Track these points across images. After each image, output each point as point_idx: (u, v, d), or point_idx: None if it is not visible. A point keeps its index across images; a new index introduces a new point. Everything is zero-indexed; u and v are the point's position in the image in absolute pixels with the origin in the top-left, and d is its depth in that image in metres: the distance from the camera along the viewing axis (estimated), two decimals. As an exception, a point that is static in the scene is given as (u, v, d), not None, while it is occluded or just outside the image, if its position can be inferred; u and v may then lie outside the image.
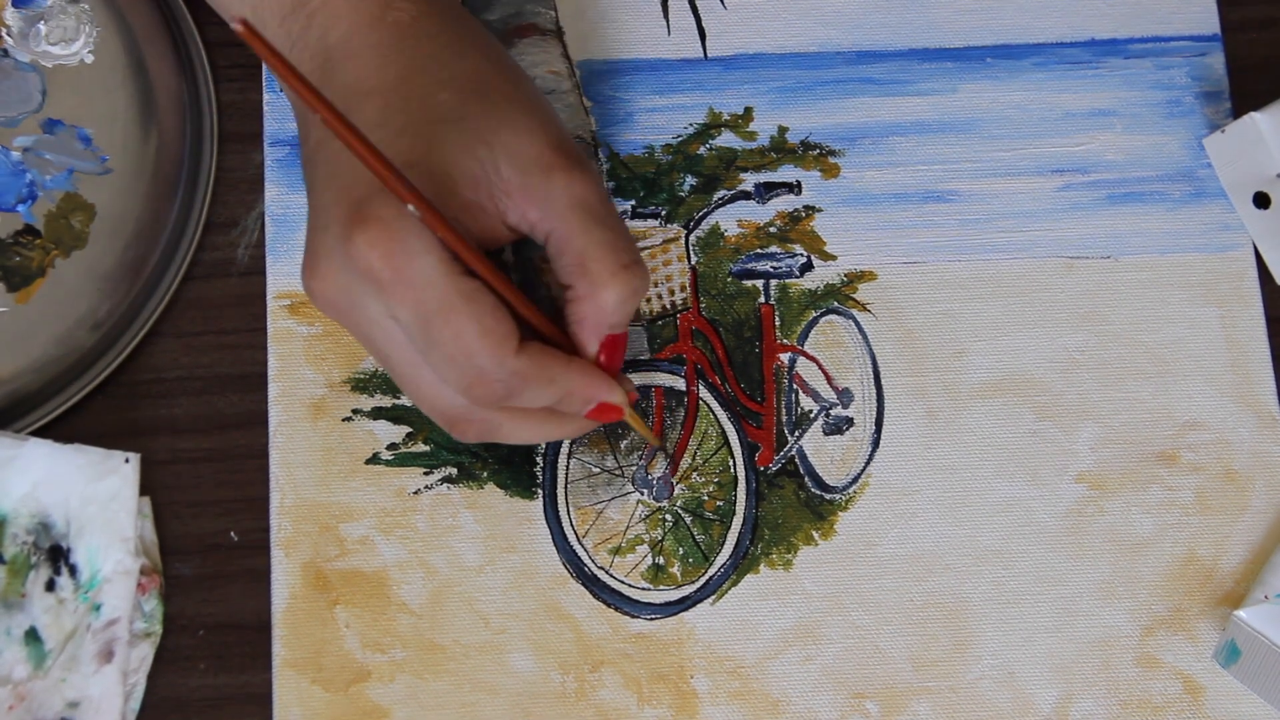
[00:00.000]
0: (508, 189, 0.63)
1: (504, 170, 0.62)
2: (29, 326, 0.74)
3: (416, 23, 0.65)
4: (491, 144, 0.62)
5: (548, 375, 0.63)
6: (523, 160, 0.63)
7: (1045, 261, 0.79)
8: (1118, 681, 0.74)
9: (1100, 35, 0.81)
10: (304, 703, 0.72)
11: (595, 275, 0.63)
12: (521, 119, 0.63)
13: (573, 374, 0.63)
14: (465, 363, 0.60)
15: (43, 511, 0.72)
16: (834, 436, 0.76)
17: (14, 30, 0.77)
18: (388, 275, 0.59)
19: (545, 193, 0.62)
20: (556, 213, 0.62)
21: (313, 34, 0.65)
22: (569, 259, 0.63)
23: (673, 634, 0.74)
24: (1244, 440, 0.77)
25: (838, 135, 0.80)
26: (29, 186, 0.75)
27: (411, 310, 0.60)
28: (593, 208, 0.63)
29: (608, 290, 0.63)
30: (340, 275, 0.61)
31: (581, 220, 0.62)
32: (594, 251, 0.62)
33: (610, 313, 0.63)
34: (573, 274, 0.63)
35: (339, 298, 0.62)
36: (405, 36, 0.65)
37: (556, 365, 0.63)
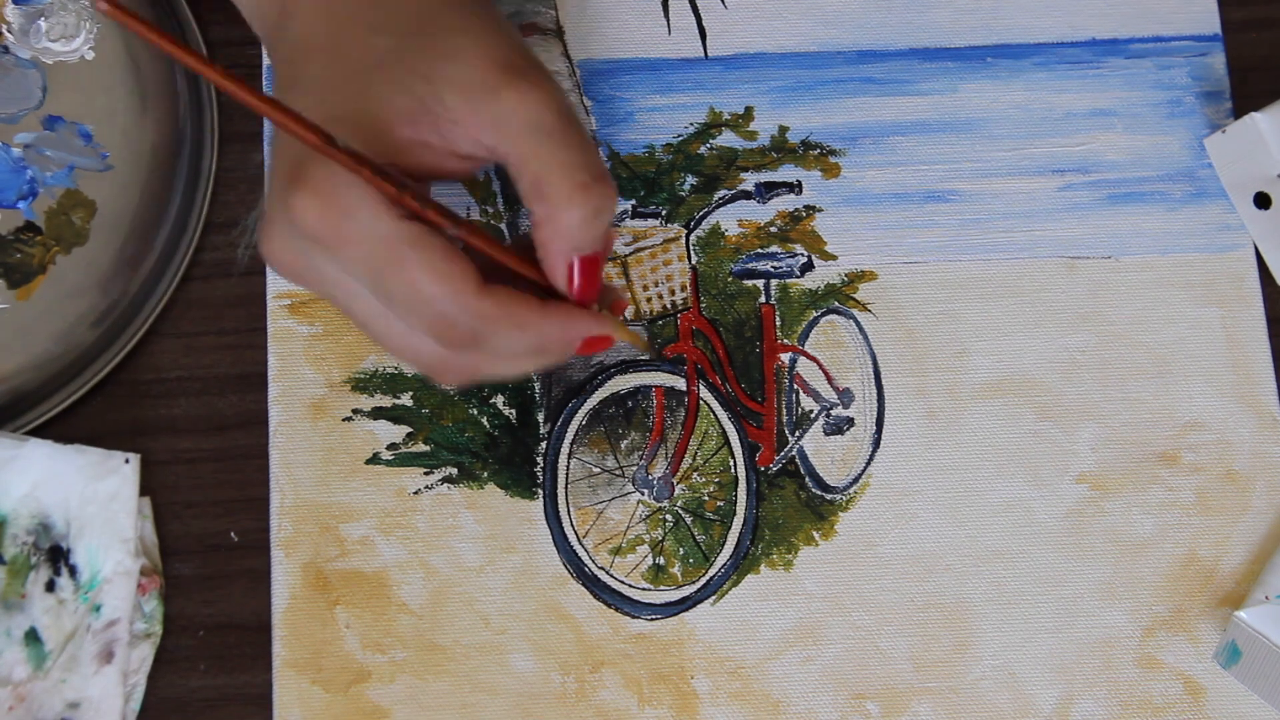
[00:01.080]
0: (454, 117, 0.60)
1: (448, 100, 0.60)
2: (29, 323, 0.74)
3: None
4: (431, 77, 0.60)
5: (516, 320, 0.60)
6: (467, 86, 0.60)
7: (1046, 261, 0.78)
8: (1118, 682, 0.74)
9: (1101, 35, 0.81)
10: (304, 703, 0.72)
11: (553, 197, 0.60)
12: (465, 44, 0.61)
13: (549, 320, 0.61)
14: (425, 309, 0.58)
15: (43, 512, 0.72)
16: (834, 437, 0.76)
17: (15, 27, 0.77)
18: (328, 234, 0.58)
19: (494, 114, 0.60)
20: (509, 135, 0.60)
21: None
22: (526, 182, 0.60)
23: (673, 634, 0.74)
24: (1245, 441, 0.77)
25: (838, 135, 0.80)
26: (30, 183, 0.75)
27: (360, 265, 0.58)
28: (546, 125, 0.60)
29: (567, 211, 0.60)
30: (289, 240, 0.60)
31: (534, 140, 0.60)
32: (550, 173, 0.59)
33: (574, 234, 0.60)
34: (532, 198, 0.60)
35: (294, 261, 0.61)
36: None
37: (527, 311, 0.60)
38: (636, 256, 0.78)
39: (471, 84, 0.60)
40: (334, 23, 0.62)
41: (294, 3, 0.64)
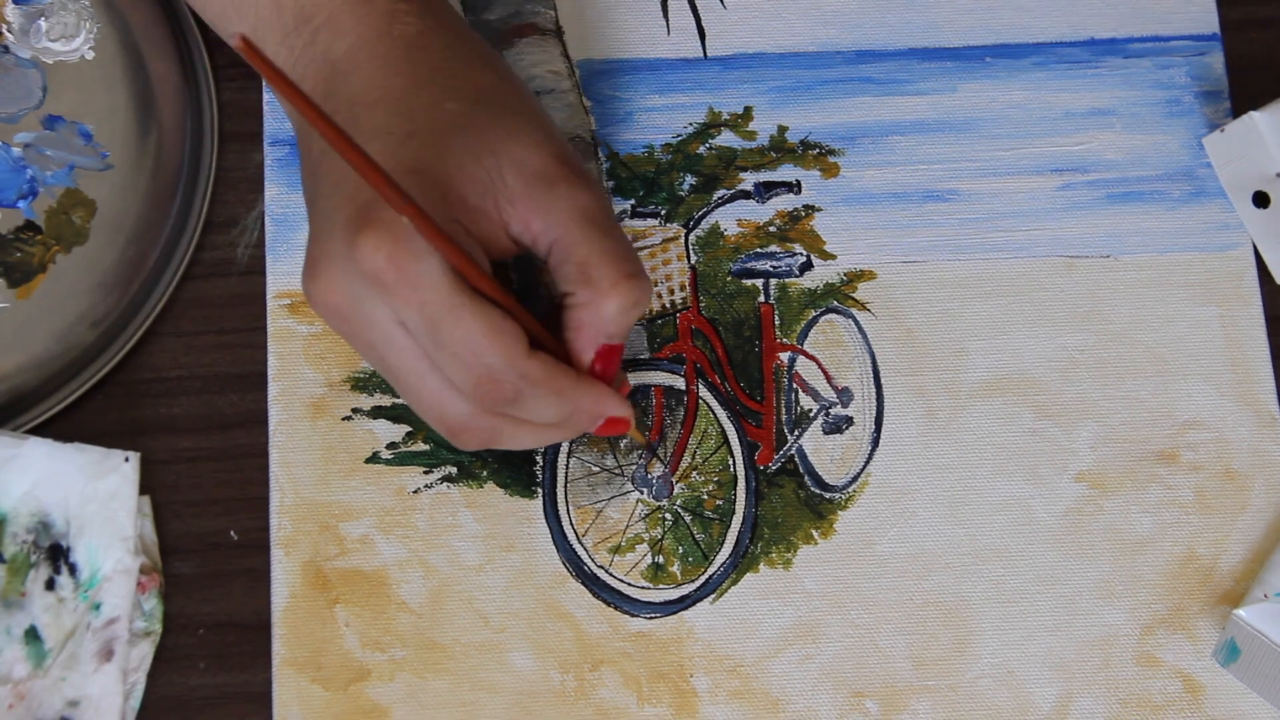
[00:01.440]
0: (512, 197, 0.63)
1: (509, 179, 0.63)
2: (29, 322, 0.74)
3: (422, 36, 0.65)
4: (498, 152, 0.63)
5: (556, 386, 0.63)
6: (527, 171, 0.63)
7: (1045, 261, 0.79)
8: (1117, 680, 0.74)
9: (1100, 35, 0.81)
10: (303, 702, 0.72)
11: (598, 282, 0.63)
12: (527, 130, 0.64)
13: (582, 391, 0.64)
14: (474, 361, 0.60)
15: (42, 510, 0.72)
16: (833, 435, 0.76)
17: (15, 26, 0.77)
18: (393, 276, 0.59)
19: (549, 203, 0.63)
20: (559, 221, 0.63)
21: (317, 49, 0.66)
22: (572, 267, 0.63)
23: (672, 633, 0.74)
24: (1243, 439, 0.77)
25: (837, 135, 0.80)
26: (30, 182, 0.75)
27: (418, 310, 0.60)
28: (596, 217, 0.63)
29: (610, 298, 0.63)
30: (344, 279, 0.61)
31: (584, 229, 0.63)
32: (597, 260, 0.62)
33: (610, 321, 0.63)
34: (575, 281, 0.63)
35: (342, 303, 0.62)
36: (412, 49, 0.65)
37: (566, 379, 0.63)
38: (636, 256, 0.78)
39: (532, 171, 0.63)
40: (400, 79, 0.64)
41: (345, 63, 0.65)
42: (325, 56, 0.65)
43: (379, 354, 0.63)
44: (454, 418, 0.63)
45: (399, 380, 0.64)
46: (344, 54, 0.65)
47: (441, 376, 0.62)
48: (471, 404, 0.62)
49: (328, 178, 0.63)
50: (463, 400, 0.62)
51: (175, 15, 0.78)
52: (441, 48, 0.66)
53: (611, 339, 0.64)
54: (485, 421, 0.63)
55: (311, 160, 0.65)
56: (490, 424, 0.64)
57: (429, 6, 0.67)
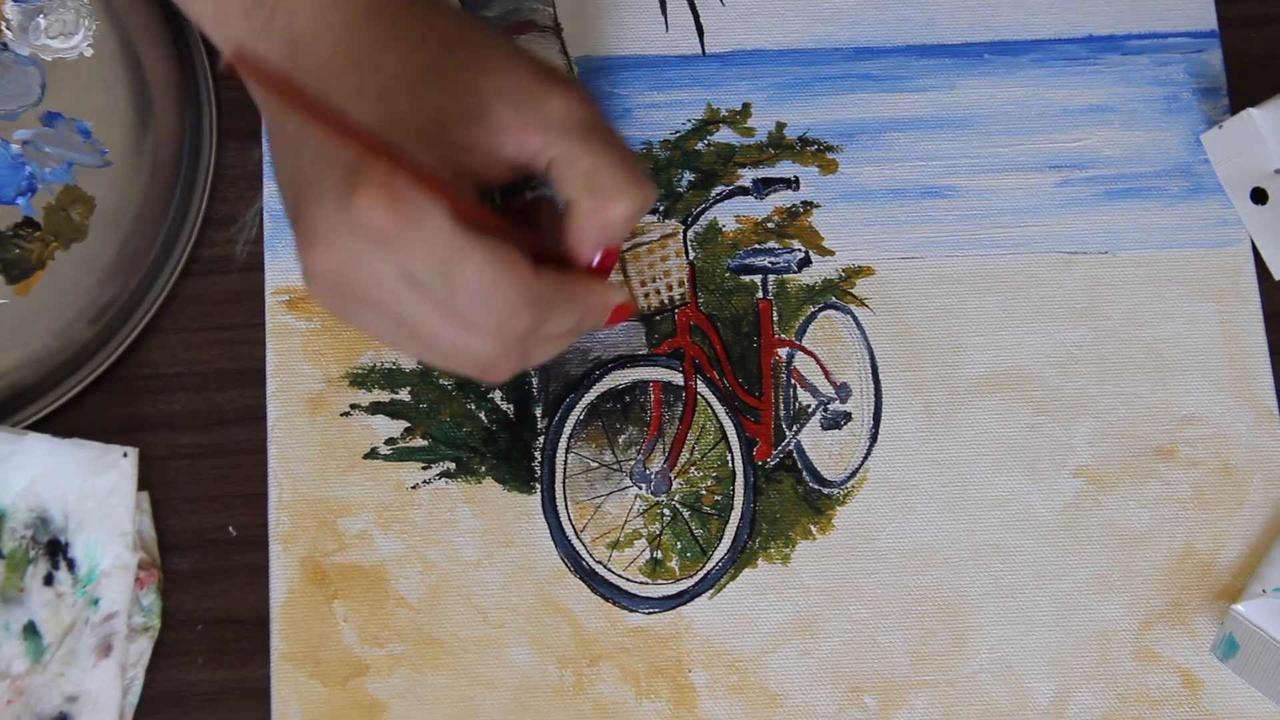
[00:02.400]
0: (502, 124, 0.62)
1: (495, 108, 0.62)
2: (28, 319, 0.74)
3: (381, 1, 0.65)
4: (476, 89, 0.62)
5: (568, 294, 0.63)
6: (512, 94, 0.63)
7: (1043, 257, 0.79)
8: (1116, 675, 0.74)
9: (1098, 31, 0.81)
10: (302, 697, 0.72)
11: (604, 190, 0.63)
12: (502, 61, 0.64)
13: (591, 289, 0.64)
14: (493, 296, 0.60)
15: (41, 506, 0.72)
16: (832, 431, 0.76)
17: (14, 24, 0.77)
18: (396, 228, 0.59)
19: (543, 118, 0.63)
20: (559, 135, 0.63)
21: (276, 24, 0.65)
22: (576, 177, 0.63)
23: (671, 628, 0.74)
24: (1241, 435, 0.77)
25: (836, 131, 0.80)
26: (28, 179, 0.76)
27: (426, 258, 0.59)
28: (595, 125, 0.63)
29: (617, 204, 0.63)
30: (343, 243, 0.60)
31: (585, 138, 0.63)
32: (603, 169, 0.63)
33: (617, 225, 0.64)
34: (579, 189, 0.63)
35: (345, 267, 0.61)
36: (371, 12, 0.64)
37: (576, 284, 0.64)
38: (634, 252, 0.78)
39: (518, 91, 0.63)
40: (363, 42, 0.64)
41: (308, 34, 0.65)
42: (286, 32, 0.65)
43: (390, 311, 0.62)
44: (480, 356, 0.63)
45: (416, 332, 0.63)
46: (304, 26, 0.64)
47: (458, 320, 0.62)
48: (496, 340, 0.62)
49: (307, 150, 0.62)
50: (485, 338, 0.62)
51: (173, 13, 0.78)
52: (399, 6, 0.65)
53: (613, 241, 0.65)
54: (511, 350, 0.64)
55: (287, 138, 0.64)
56: (516, 351, 0.64)
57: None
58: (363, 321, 0.64)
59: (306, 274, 0.63)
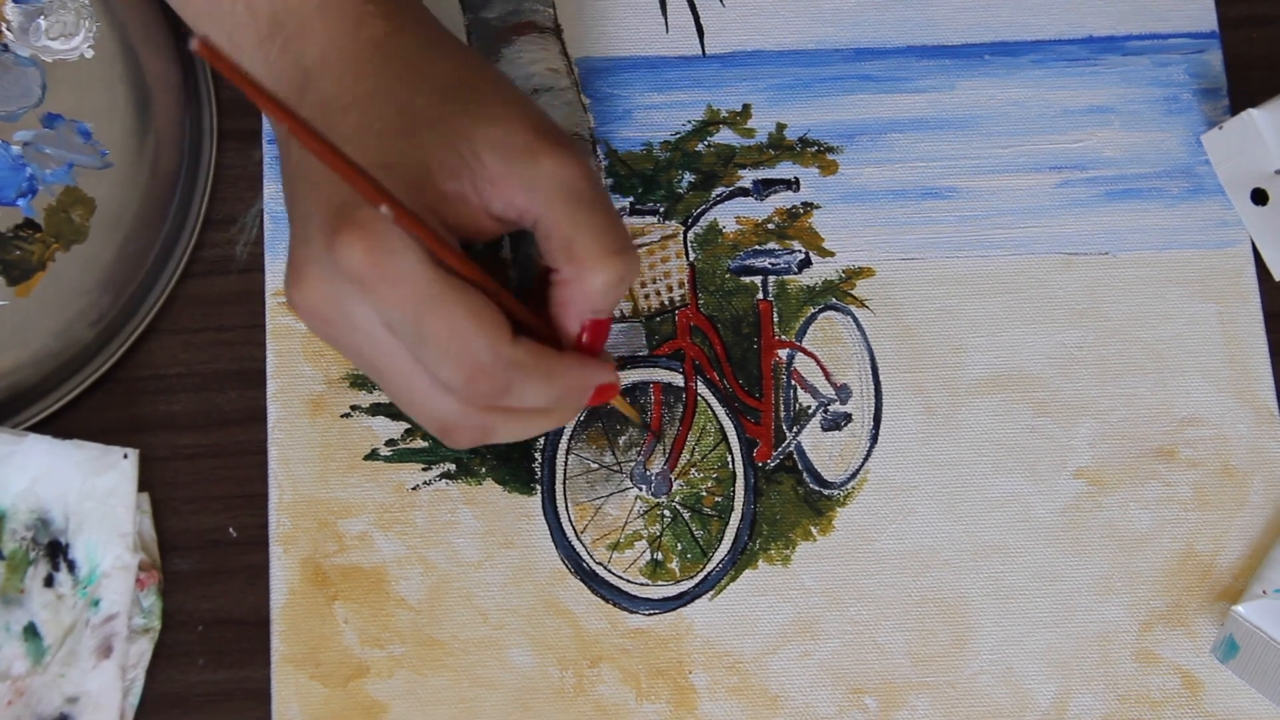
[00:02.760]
0: (491, 177, 0.62)
1: (486, 160, 0.62)
2: (28, 320, 0.74)
3: (390, 37, 0.65)
4: (471, 137, 0.62)
5: (545, 369, 0.62)
6: (505, 148, 0.62)
7: (1043, 258, 0.79)
8: (1116, 676, 0.74)
9: (1098, 32, 0.81)
10: (302, 698, 0.72)
11: (582, 260, 0.62)
12: (500, 112, 0.63)
13: (569, 367, 0.63)
14: (461, 353, 0.60)
15: (41, 507, 0.72)
16: (832, 432, 0.76)
17: (14, 25, 0.77)
18: (373, 274, 0.59)
19: (531, 177, 0.62)
20: (542, 198, 0.62)
21: (289, 56, 0.66)
22: (556, 243, 0.62)
23: (671, 629, 0.74)
24: (1242, 436, 0.77)
25: (836, 132, 0.80)
26: (29, 180, 0.76)
27: (400, 307, 0.59)
28: (580, 192, 0.62)
29: (595, 275, 0.62)
30: (325, 283, 0.61)
31: (568, 204, 0.62)
32: (581, 237, 0.62)
33: (596, 297, 0.63)
34: (559, 257, 0.62)
35: (324, 305, 0.62)
36: (380, 51, 0.65)
37: (552, 360, 0.62)
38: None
39: (511, 147, 0.62)
40: (370, 81, 0.64)
41: (317, 67, 0.65)
42: (298, 62, 0.65)
43: (365, 357, 0.63)
44: (445, 416, 0.63)
45: (387, 382, 0.63)
46: (315, 59, 0.65)
47: (429, 376, 0.61)
48: (461, 401, 0.62)
49: (304, 181, 0.63)
50: (452, 398, 0.62)
51: (174, 14, 0.78)
52: (410, 46, 0.66)
53: (598, 314, 0.64)
54: (476, 419, 0.63)
55: (290, 166, 0.65)
56: (482, 420, 0.63)
57: (398, 7, 0.67)
58: (346, 356, 0.64)
59: (290, 307, 0.63)
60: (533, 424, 0.65)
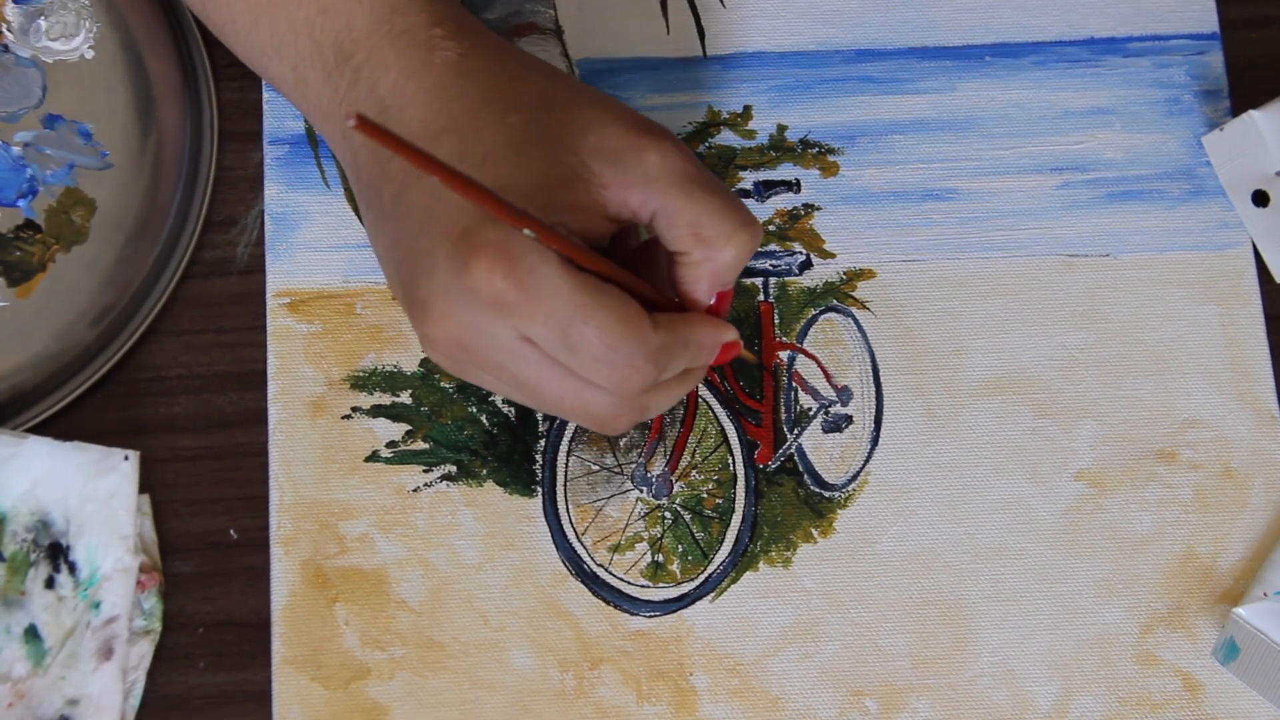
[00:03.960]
0: (603, 182, 0.63)
1: (594, 167, 0.63)
2: (29, 321, 0.74)
3: (464, 60, 0.66)
4: (574, 148, 0.63)
5: (683, 339, 0.64)
6: (610, 151, 0.63)
7: (1044, 260, 0.79)
8: (1117, 679, 0.74)
9: (1099, 34, 0.81)
10: (303, 700, 0.72)
11: (712, 240, 0.63)
12: (595, 116, 0.64)
13: (699, 327, 0.65)
14: (613, 356, 0.61)
15: (42, 509, 0.72)
16: (833, 434, 0.76)
17: (14, 26, 0.77)
18: (514, 295, 0.59)
19: (642, 173, 0.63)
20: (659, 189, 0.63)
21: (361, 87, 0.66)
22: (681, 229, 0.64)
23: (672, 631, 0.74)
24: (1243, 438, 0.77)
25: (837, 133, 0.80)
26: (29, 181, 0.75)
27: (545, 323, 0.60)
28: (694, 176, 0.64)
29: (725, 250, 0.64)
30: (462, 312, 0.61)
31: (684, 191, 0.63)
32: (707, 219, 0.63)
33: (726, 271, 0.65)
34: (686, 242, 0.64)
35: (464, 334, 0.62)
36: (458, 75, 0.65)
37: (684, 325, 0.64)
38: (635, 255, 0.78)
39: (614, 149, 0.63)
40: (456, 105, 0.65)
41: (394, 96, 0.65)
42: (372, 93, 0.66)
43: (510, 374, 0.63)
44: (603, 411, 0.64)
45: (537, 393, 0.64)
46: (391, 89, 0.65)
47: (578, 379, 0.63)
48: (617, 395, 0.63)
49: (408, 217, 0.63)
50: (606, 394, 0.63)
51: (175, 14, 0.79)
52: (486, 66, 0.66)
53: (727, 285, 0.66)
54: (633, 405, 0.64)
55: (382, 208, 0.65)
56: (638, 402, 0.65)
57: (463, 28, 0.67)
58: (482, 381, 0.65)
59: (425, 342, 0.63)
60: (679, 390, 0.67)
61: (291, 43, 0.67)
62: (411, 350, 0.76)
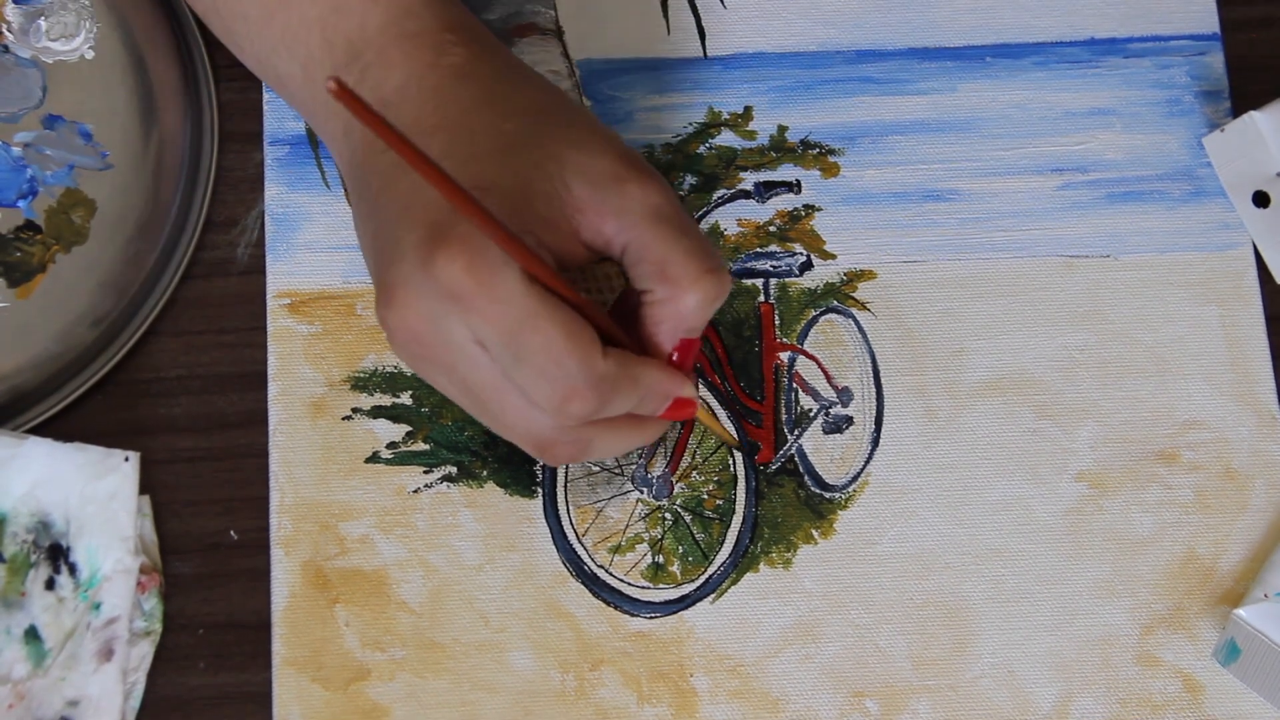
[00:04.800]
0: (580, 206, 0.63)
1: (575, 188, 0.63)
2: (29, 322, 0.74)
3: (469, 64, 0.66)
4: (561, 162, 0.63)
5: (631, 375, 0.63)
6: (593, 175, 0.63)
7: (1045, 260, 0.79)
8: (1117, 680, 0.74)
9: (1100, 34, 0.81)
10: (303, 701, 0.72)
11: (677, 280, 0.63)
12: (586, 138, 0.64)
13: (650, 370, 0.64)
14: (556, 373, 0.60)
15: (42, 510, 0.72)
16: (833, 435, 0.76)
17: (15, 26, 0.77)
18: (471, 288, 0.59)
19: (619, 204, 0.63)
20: (632, 222, 0.63)
21: (367, 85, 0.66)
22: (649, 266, 0.63)
23: (672, 632, 0.74)
24: (1243, 439, 0.77)
25: (837, 134, 0.80)
26: (30, 182, 0.75)
27: (497, 324, 0.60)
28: (669, 215, 0.63)
29: (689, 294, 0.63)
30: (421, 300, 0.61)
31: (658, 228, 0.63)
32: (675, 258, 0.63)
33: (690, 316, 0.64)
34: (652, 280, 0.63)
35: (420, 325, 0.62)
36: (461, 77, 0.65)
37: (637, 364, 0.63)
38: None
39: (598, 173, 0.63)
40: (454, 106, 0.65)
41: (397, 95, 0.66)
42: (377, 91, 0.66)
43: (459, 376, 0.63)
44: (541, 434, 0.64)
45: (481, 401, 0.63)
46: (395, 88, 0.65)
47: (523, 396, 0.62)
48: (557, 419, 0.63)
49: (392, 206, 0.63)
50: (548, 416, 0.63)
51: (175, 15, 0.78)
52: (489, 72, 0.66)
53: (691, 333, 0.65)
54: (573, 435, 0.64)
55: (369, 200, 0.65)
56: (577, 435, 0.64)
57: (473, 35, 0.67)
58: (435, 381, 0.64)
59: (384, 328, 0.63)
60: (627, 437, 0.66)
61: (304, 39, 0.68)
62: (412, 351, 0.76)
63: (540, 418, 0.63)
